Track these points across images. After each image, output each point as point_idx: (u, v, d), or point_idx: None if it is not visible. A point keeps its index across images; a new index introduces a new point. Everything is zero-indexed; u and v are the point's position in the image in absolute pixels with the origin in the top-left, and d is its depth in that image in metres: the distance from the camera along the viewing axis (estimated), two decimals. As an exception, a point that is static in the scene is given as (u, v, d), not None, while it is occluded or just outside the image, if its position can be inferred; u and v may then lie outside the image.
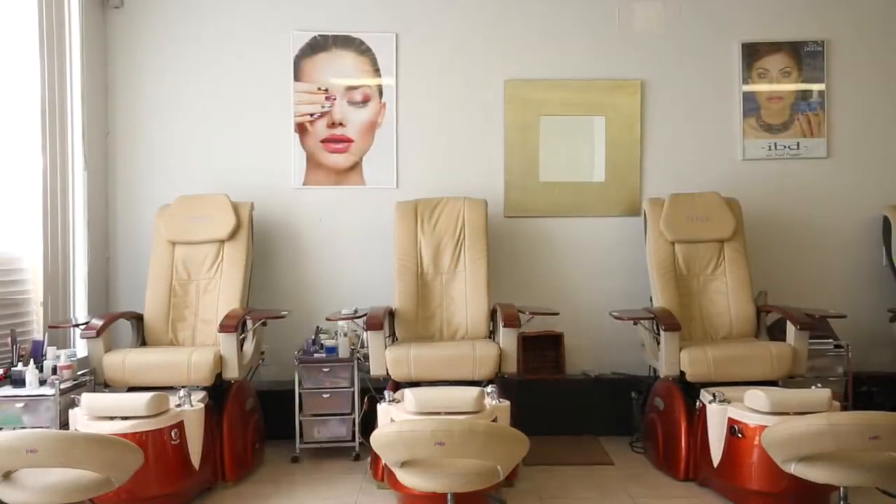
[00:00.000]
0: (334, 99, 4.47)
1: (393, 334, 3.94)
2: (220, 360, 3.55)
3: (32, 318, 3.70)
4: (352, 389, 3.89)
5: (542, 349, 4.35)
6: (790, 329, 3.62)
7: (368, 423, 3.76)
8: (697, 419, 3.44)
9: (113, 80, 4.43)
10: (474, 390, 3.04)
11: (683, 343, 3.62)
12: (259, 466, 3.81)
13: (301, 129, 4.46)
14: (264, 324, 3.95)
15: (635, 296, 4.39)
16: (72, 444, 2.37)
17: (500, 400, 3.25)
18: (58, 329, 3.74)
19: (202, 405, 3.29)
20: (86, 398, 3.06)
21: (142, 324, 3.92)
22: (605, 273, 4.51)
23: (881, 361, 4.43)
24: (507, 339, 3.61)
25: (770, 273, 4.47)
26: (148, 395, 3.05)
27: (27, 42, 3.68)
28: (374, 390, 3.89)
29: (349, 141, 4.48)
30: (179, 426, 3.15)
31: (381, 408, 3.21)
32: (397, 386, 3.55)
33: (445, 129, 4.51)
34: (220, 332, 3.56)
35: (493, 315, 3.93)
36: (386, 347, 3.61)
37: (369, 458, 3.67)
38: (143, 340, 3.91)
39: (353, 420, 3.90)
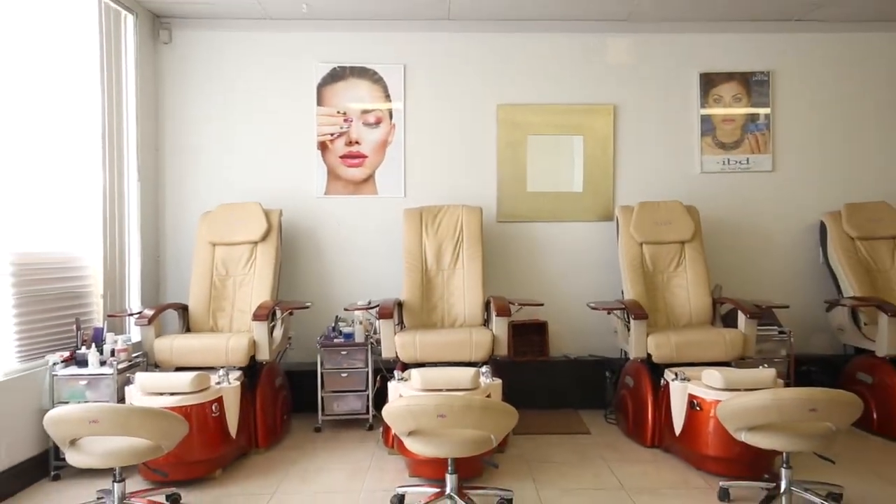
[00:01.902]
0: (351, 121, 4.48)
1: (401, 322, 3.95)
2: (253, 345, 3.57)
3: (94, 308, 3.71)
4: (366, 369, 3.90)
5: (529, 335, 4.36)
6: (741, 318, 3.63)
7: (380, 398, 3.77)
8: (662, 395, 3.45)
9: (162, 105, 4.44)
10: (471, 370, 3.04)
11: (650, 330, 3.64)
12: (287, 435, 3.83)
13: (323, 146, 4.47)
14: (291, 313, 3.97)
15: (609, 289, 4.42)
16: (128, 416, 2.39)
17: (493, 378, 3.26)
18: (115, 318, 3.76)
19: (238, 383, 3.31)
20: (139, 377, 3.07)
21: (187, 313, 3.93)
22: (583, 270, 4.51)
23: (819, 345, 4.44)
24: (499, 326, 3.61)
25: (724, 270, 4.48)
26: (192, 374, 3.06)
27: (90, 74, 3.69)
28: (386, 370, 3.91)
29: (364, 157, 4.49)
30: (219, 401, 3.16)
31: (392, 385, 3.21)
32: (405, 366, 3.55)
33: (446, 147, 4.52)
34: (253, 320, 3.58)
35: (487, 306, 3.93)
36: (395, 334, 3.62)
37: (381, 429, 3.69)
38: (187, 327, 3.92)
39: (368, 396, 3.91)
